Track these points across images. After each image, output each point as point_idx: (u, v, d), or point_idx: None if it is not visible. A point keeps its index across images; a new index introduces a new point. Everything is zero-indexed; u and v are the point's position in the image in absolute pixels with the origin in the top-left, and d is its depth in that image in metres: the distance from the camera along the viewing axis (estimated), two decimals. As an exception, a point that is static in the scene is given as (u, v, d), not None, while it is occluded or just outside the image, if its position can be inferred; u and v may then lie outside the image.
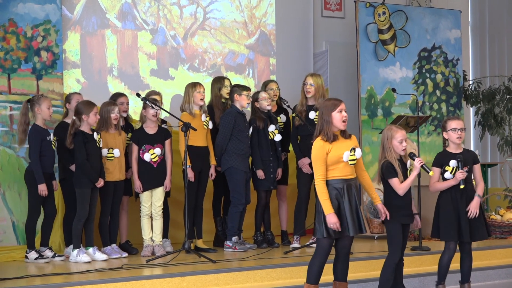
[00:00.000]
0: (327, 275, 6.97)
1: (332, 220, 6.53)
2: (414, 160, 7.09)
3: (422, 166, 7.07)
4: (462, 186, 7.24)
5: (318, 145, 6.64)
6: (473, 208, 7.24)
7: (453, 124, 7.37)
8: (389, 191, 7.10)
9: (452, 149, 7.41)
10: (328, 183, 6.64)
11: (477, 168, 7.47)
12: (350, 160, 6.66)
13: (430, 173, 7.20)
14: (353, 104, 11.53)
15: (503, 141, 12.01)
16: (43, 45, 9.44)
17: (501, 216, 10.41)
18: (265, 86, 10.01)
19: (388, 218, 6.97)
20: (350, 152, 6.66)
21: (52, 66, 9.50)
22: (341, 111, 6.66)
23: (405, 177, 7.07)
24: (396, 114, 10.92)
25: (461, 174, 7.23)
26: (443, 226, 7.33)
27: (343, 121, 6.66)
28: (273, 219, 9.97)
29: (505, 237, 10.24)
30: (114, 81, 10.59)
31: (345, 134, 6.77)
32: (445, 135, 7.46)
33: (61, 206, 9.16)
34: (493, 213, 10.54)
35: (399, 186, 7.03)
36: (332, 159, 6.62)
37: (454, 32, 12.10)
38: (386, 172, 7.06)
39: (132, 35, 10.78)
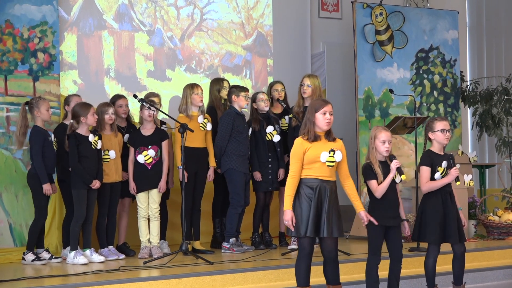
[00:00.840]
0: (322, 277, 6.96)
1: (286, 216, 6.55)
2: (391, 161, 7.06)
3: (397, 169, 7.04)
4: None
5: (297, 143, 6.69)
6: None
7: (441, 125, 7.33)
8: (371, 193, 7.10)
9: (436, 149, 7.36)
10: (302, 181, 6.64)
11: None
12: (327, 161, 6.62)
13: (402, 176, 7.16)
14: (351, 105, 11.55)
15: (500, 142, 12.02)
16: (39, 47, 9.43)
17: (499, 217, 10.40)
18: (270, 87, 10.01)
19: (366, 224, 6.92)
20: (329, 153, 6.63)
21: (49, 68, 9.49)
22: (325, 113, 6.65)
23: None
24: (394, 115, 10.93)
25: (456, 171, 7.22)
26: (429, 227, 7.26)
27: (326, 123, 6.66)
28: (273, 220, 9.97)
29: (503, 238, 10.24)
30: (111, 83, 10.59)
31: (329, 137, 6.74)
32: (430, 135, 7.39)
33: (60, 208, 9.17)
34: (491, 214, 10.54)
35: (376, 188, 7.01)
36: (309, 158, 6.62)
37: (452, 33, 12.11)
38: (365, 173, 7.07)
39: (129, 36, 10.79)
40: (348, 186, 6.83)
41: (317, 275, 7.02)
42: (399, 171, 7.06)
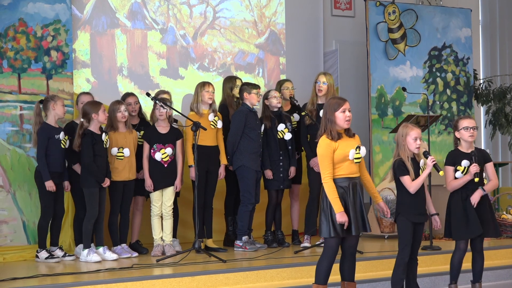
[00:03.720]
0: (335, 275, 6.97)
1: (342, 218, 6.52)
2: (427, 158, 7.09)
3: (434, 165, 7.06)
4: (476, 179, 7.25)
5: (325, 143, 6.62)
6: (473, 198, 7.29)
7: (465, 123, 7.38)
8: (401, 189, 7.11)
9: (464, 148, 7.42)
10: (333, 181, 6.64)
11: (489, 166, 7.49)
12: (355, 158, 6.66)
13: (440, 173, 7.19)
14: (363, 103, 11.53)
15: (514, 140, 12.01)
16: (53, 45, 9.46)
17: (512, 215, 10.41)
18: (280, 85, 10.02)
19: (388, 215, 7.03)
20: (356, 150, 6.66)
21: (62, 66, 9.52)
22: (344, 111, 6.66)
23: (417, 175, 7.06)
24: (407, 113, 10.92)
25: (474, 168, 7.25)
26: (454, 225, 7.35)
27: (347, 121, 6.66)
28: (285, 218, 9.97)
29: (516, 236, 10.26)
30: (124, 81, 10.60)
31: (349, 133, 6.76)
32: (457, 134, 7.46)
33: (73, 206, 9.18)
34: (504, 212, 10.53)
35: (410, 184, 7.03)
36: (339, 157, 6.61)
37: (465, 31, 12.08)
38: (398, 170, 7.06)
39: (142, 34, 10.80)
40: (367, 179, 6.92)
41: (331, 273, 7.01)
42: (436, 167, 7.07)
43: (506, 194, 11.87)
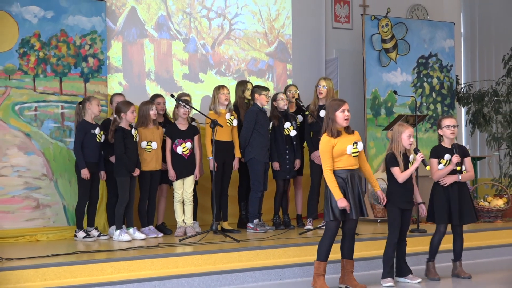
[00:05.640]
0: (336, 253, 6.98)
1: (343, 203, 6.57)
2: (417, 154, 7.09)
3: (422, 161, 7.07)
4: (458, 168, 7.25)
5: (325, 140, 6.68)
6: (447, 179, 7.30)
7: (447, 121, 7.40)
8: (391, 179, 7.13)
9: (446, 144, 7.43)
10: (334, 173, 6.66)
11: (467, 160, 7.48)
12: (353, 153, 6.70)
13: (427, 167, 7.19)
14: (360, 104, 11.49)
15: (490, 137, 11.94)
16: (90, 53, 9.46)
17: (489, 203, 10.39)
18: (285, 89, 10.01)
19: (385, 203, 7.04)
20: (353, 145, 6.69)
21: (98, 71, 9.52)
22: (343, 111, 6.70)
23: (406, 168, 7.07)
24: (397, 114, 10.88)
25: (456, 158, 7.25)
26: (436, 211, 7.34)
27: (345, 119, 6.69)
28: (290, 204, 9.96)
29: (492, 221, 10.23)
30: (151, 84, 10.60)
31: (348, 130, 6.79)
32: (440, 131, 7.47)
33: (105, 192, 9.19)
34: (482, 200, 10.51)
35: (399, 174, 7.05)
36: (337, 152, 6.65)
37: (448, 42, 12.02)
38: (389, 162, 7.08)
39: (167, 44, 10.79)
40: (367, 170, 6.94)
41: (332, 252, 7.01)
42: (424, 162, 7.08)
43: (483, 184, 11.84)
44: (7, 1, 8.95)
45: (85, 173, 8.57)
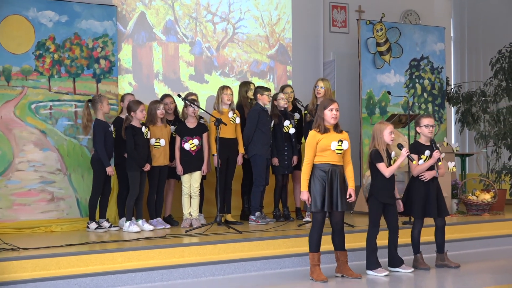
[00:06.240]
0: (330, 244, 7.04)
1: (304, 196, 6.68)
2: (401, 150, 7.13)
3: (408, 156, 7.11)
4: (440, 163, 7.30)
5: (311, 135, 6.80)
6: (427, 174, 7.32)
7: (426, 121, 7.41)
8: (375, 174, 7.14)
9: (423, 141, 7.46)
10: (317, 166, 6.74)
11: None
12: (337, 149, 6.75)
13: (414, 162, 7.23)
14: (355, 104, 11.53)
15: (478, 135, 11.95)
16: (101, 55, 9.51)
17: (477, 197, 10.40)
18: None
19: (352, 200, 6.91)
20: (338, 143, 6.74)
21: (109, 72, 9.56)
22: (331, 110, 6.76)
23: (389, 164, 7.10)
24: (391, 113, 10.91)
25: (437, 153, 7.29)
26: (414, 205, 7.35)
27: (333, 117, 6.75)
28: (289, 198, 10.00)
29: (479, 214, 10.24)
30: (159, 84, 10.65)
31: (337, 129, 6.84)
32: (418, 129, 7.48)
33: (116, 186, 9.24)
34: (470, 194, 10.54)
35: (386, 169, 7.06)
36: (321, 147, 6.72)
37: (439, 45, 12.06)
38: (375, 157, 7.10)
39: (174, 46, 10.84)
40: (348, 169, 6.91)
41: (326, 243, 7.06)
42: (409, 157, 7.12)
43: (471, 179, 11.88)
44: (24, 6, 9.02)
45: (110, 170, 8.65)
